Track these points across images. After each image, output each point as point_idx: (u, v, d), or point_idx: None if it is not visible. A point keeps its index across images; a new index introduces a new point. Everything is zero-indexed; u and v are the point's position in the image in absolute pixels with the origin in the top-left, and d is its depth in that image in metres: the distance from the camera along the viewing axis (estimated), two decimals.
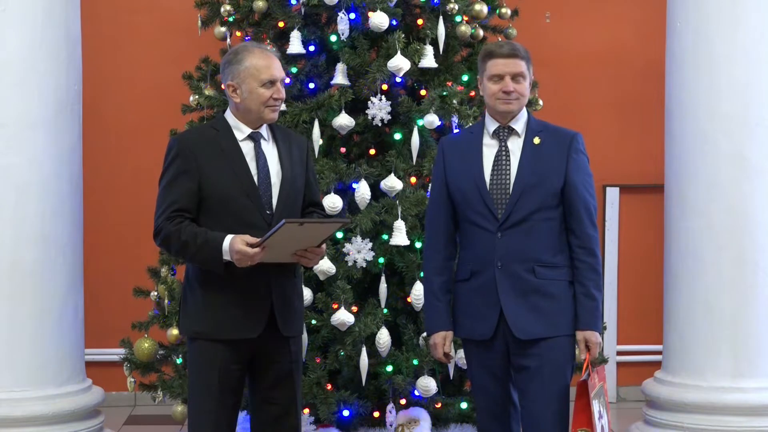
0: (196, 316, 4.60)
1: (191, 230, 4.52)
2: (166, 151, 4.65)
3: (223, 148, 4.60)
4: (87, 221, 6.37)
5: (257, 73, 4.59)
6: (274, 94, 4.61)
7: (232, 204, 4.55)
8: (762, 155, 6.07)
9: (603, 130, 7.68)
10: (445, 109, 5.83)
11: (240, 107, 4.63)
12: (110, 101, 7.57)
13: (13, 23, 5.91)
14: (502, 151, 4.67)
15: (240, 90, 4.61)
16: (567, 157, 4.64)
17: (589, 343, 4.65)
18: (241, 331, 4.57)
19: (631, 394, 7.64)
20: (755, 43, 6.06)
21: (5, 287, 5.90)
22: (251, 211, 4.57)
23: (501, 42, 4.92)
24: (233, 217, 4.54)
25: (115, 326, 6.64)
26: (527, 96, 4.75)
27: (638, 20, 7.72)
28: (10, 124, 5.90)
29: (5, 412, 5.85)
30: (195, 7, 6.32)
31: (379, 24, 5.77)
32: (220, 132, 4.64)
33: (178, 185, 4.55)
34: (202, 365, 4.59)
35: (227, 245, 4.46)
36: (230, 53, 4.71)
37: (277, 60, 4.67)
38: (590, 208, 4.68)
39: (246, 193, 4.57)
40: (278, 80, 4.63)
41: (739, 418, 6.05)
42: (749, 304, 6.07)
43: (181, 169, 4.56)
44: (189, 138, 4.68)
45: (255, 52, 4.64)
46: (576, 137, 4.72)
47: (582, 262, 4.69)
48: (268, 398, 4.67)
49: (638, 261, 7.73)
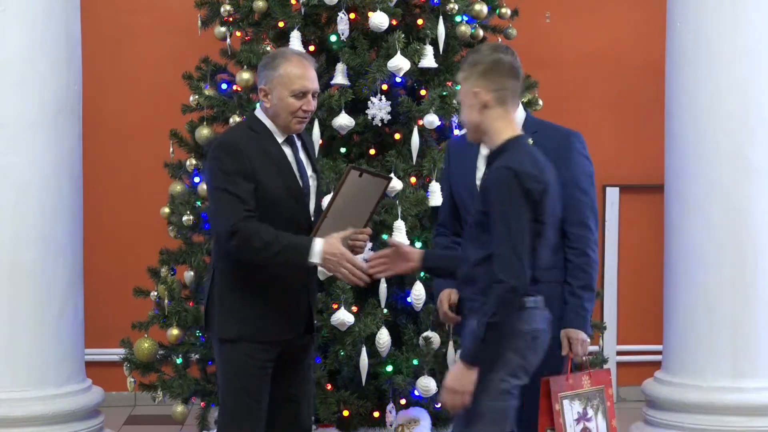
0: (238, 317, 4.58)
1: (272, 231, 4.46)
2: (212, 152, 4.59)
3: (268, 152, 4.57)
4: (87, 221, 6.37)
5: (289, 82, 4.55)
6: (304, 106, 4.57)
7: (283, 207, 4.54)
8: (762, 155, 6.08)
9: (603, 130, 7.67)
10: (445, 109, 5.83)
11: (269, 112, 4.61)
12: (110, 101, 7.57)
13: (13, 23, 5.91)
14: None
15: (271, 96, 4.58)
16: (558, 157, 4.58)
17: (570, 340, 4.61)
18: (285, 331, 4.60)
19: (631, 394, 7.64)
20: (755, 42, 6.07)
21: (5, 287, 5.90)
22: (299, 214, 4.58)
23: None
24: (286, 219, 4.53)
25: (115, 326, 6.63)
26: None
27: (638, 20, 7.72)
28: (10, 124, 5.90)
29: (5, 412, 5.85)
30: (195, 7, 6.31)
31: (379, 24, 5.76)
32: (261, 134, 4.60)
33: (240, 186, 4.48)
34: (244, 367, 4.56)
35: (319, 248, 4.44)
36: (269, 56, 4.68)
37: (314, 70, 4.62)
38: (582, 208, 4.64)
39: (294, 197, 4.57)
40: (310, 92, 4.58)
41: (739, 418, 6.06)
42: (749, 304, 6.07)
43: (239, 169, 4.50)
44: (237, 140, 4.60)
45: (292, 60, 4.59)
46: (571, 136, 4.70)
47: (570, 261, 4.65)
48: (289, 396, 4.70)
49: (638, 261, 7.73)
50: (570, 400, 4.55)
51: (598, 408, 4.61)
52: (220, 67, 6.24)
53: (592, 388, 4.61)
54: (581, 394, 4.57)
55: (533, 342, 4.20)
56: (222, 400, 4.70)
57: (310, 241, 4.47)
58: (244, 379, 4.59)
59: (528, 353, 4.19)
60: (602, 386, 4.63)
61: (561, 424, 4.49)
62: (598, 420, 4.60)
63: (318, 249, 4.45)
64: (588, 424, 4.57)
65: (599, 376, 4.66)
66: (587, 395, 4.59)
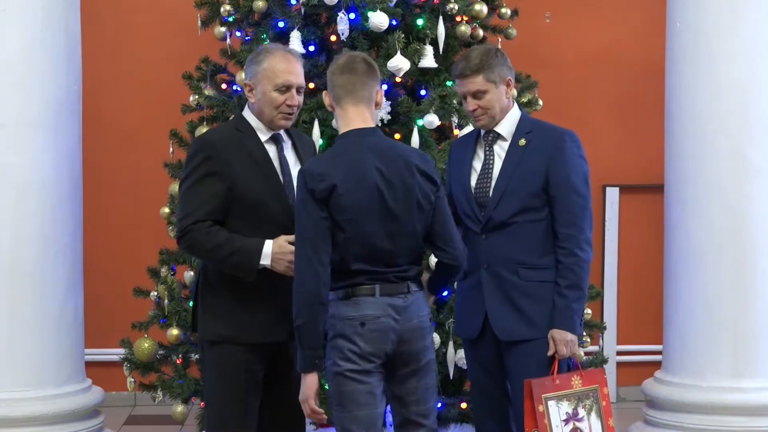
0: (221, 319, 4.55)
1: (224, 234, 4.47)
2: (190, 152, 4.61)
3: (250, 151, 4.55)
4: (87, 221, 6.37)
5: (273, 75, 4.54)
6: (288, 100, 4.56)
7: (264, 207, 4.52)
8: (762, 155, 6.07)
9: (603, 130, 7.67)
10: (445, 109, 5.83)
11: (254, 108, 4.61)
12: (110, 101, 7.57)
13: (13, 23, 5.91)
14: (488, 155, 4.72)
15: (255, 91, 4.58)
16: (550, 157, 4.62)
17: (555, 341, 4.61)
18: (270, 334, 4.55)
19: (631, 394, 7.64)
20: (755, 42, 6.06)
21: (5, 287, 5.90)
22: (282, 213, 4.54)
23: (459, 58, 4.82)
24: (265, 219, 4.52)
25: (115, 326, 6.64)
26: (498, 103, 4.68)
27: (638, 20, 7.71)
28: (10, 124, 5.90)
29: (5, 412, 5.85)
30: (195, 7, 6.31)
31: (379, 24, 5.76)
32: (244, 134, 4.59)
33: (206, 187, 4.49)
34: (228, 369, 4.53)
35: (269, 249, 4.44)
36: (255, 52, 4.68)
37: (299, 66, 4.61)
38: (572, 207, 4.63)
39: (277, 197, 4.55)
40: (294, 86, 4.56)
41: (739, 418, 6.05)
42: (749, 304, 6.07)
43: (210, 170, 4.49)
44: (216, 139, 4.60)
45: (276, 55, 4.59)
46: (564, 135, 4.70)
47: (559, 261, 4.66)
48: (281, 401, 4.65)
49: (638, 261, 7.73)
50: (557, 401, 4.53)
51: (592, 408, 4.59)
52: (220, 67, 6.24)
53: (583, 388, 4.58)
54: (570, 394, 4.55)
55: (362, 328, 4.31)
56: (206, 402, 4.67)
57: (261, 244, 4.45)
58: (226, 382, 4.54)
59: (358, 338, 4.31)
60: (596, 386, 4.61)
61: (546, 425, 4.49)
62: (591, 420, 4.58)
63: (268, 251, 4.45)
64: (579, 424, 4.55)
65: (592, 376, 4.64)
66: (577, 395, 4.57)
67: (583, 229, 4.65)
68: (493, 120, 4.70)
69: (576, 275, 4.63)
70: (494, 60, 4.68)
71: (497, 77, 4.67)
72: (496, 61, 4.68)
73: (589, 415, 4.58)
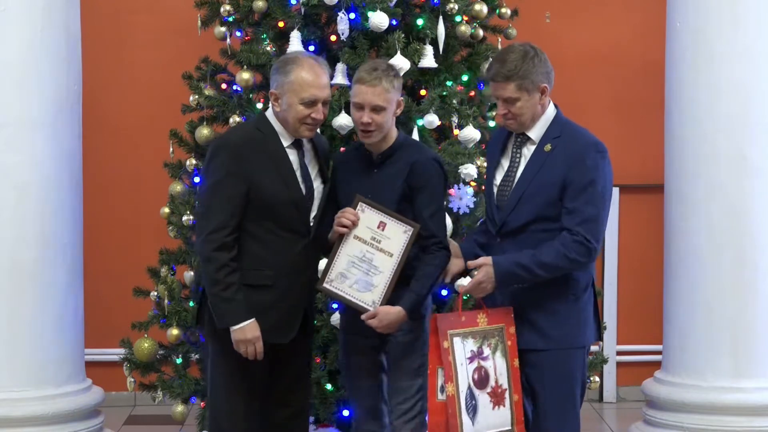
0: None
1: (236, 278, 4.47)
2: (211, 151, 4.60)
3: (271, 154, 4.55)
4: (87, 221, 6.37)
5: (299, 89, 4.52)
6: (313, 114, 4.54)
7: (279, 211, 4.52)
8: (762, 155, 6.08)
9: (602, 130, 7.57)
10: (445, 109, 5.83)
11: (279, 116, 4.59)
12: (110, 101, 7.57)
13: (13, 23, 5.91)
14: (515, 156, 4.62)
15: (281, 101, 4.56)
16: (570, 166, 4.48)
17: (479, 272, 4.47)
18: (278, 335, 4.57)
19: (631, 394, 7.64)
20: (755, 42, 6.06)
21: (5, 287, 5.90)
22: (297, 219, 4.56)
23: (494, 59, 4.64)
24: (279, 223, 4.52)
25: (115, 326, 6.64)
26: (529, 110, 4.52)
27: (638, 20, 7.72)
28: (10, 124, 5.90)
29: (5, 412, 5.85)
30: (195, 7, 6.31)
31: (379, 24, 5.76)
32: (266, 136, 4.58)
33: (229, 189, 4.48)
34: (235, 367, 4.55)
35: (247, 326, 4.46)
36: (282, 60, 4.66)
37: (326, 77, 4.59)
38: (573, 215, 4.46)
39: (294, 203, 4.54)
40: (320, 101, 4.54)
41: (739, 418, 6.06)
42: (749, 304, 6.07)
43: (231, 170, 4.49)
44: (237, 140, 4.59)
45: (304, 67, 4.55)
46: (589, 146, 4.54)
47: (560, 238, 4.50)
48: (284, 400, 4.66)
49: (638, 261, 7.73)
50: (462, 338, 4.44)
51: (497, 347, 4.49)
52: (220, 67, 6.24)
53: (489, 326, 4.49)
54: (476, 332, 4.46)
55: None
56: (210, 391, 4.67)
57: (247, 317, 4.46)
58: (235, 379, 4.55)
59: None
60: (502, 325, 4.50)
61: (450, 362, 4.39)
62: (496, 359, 4.48)
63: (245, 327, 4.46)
64: (484, 363, 4.46)
65: (498, 315, 4.51)
66: (483, 333, 4.47)
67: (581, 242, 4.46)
68: (522, 125, 4.56)
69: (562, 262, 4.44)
70: (529, 65, 4.48)
71: (531, 85, 4.49)
72: (532, 66, 4.48)
73: (494, 354, 4.47)
